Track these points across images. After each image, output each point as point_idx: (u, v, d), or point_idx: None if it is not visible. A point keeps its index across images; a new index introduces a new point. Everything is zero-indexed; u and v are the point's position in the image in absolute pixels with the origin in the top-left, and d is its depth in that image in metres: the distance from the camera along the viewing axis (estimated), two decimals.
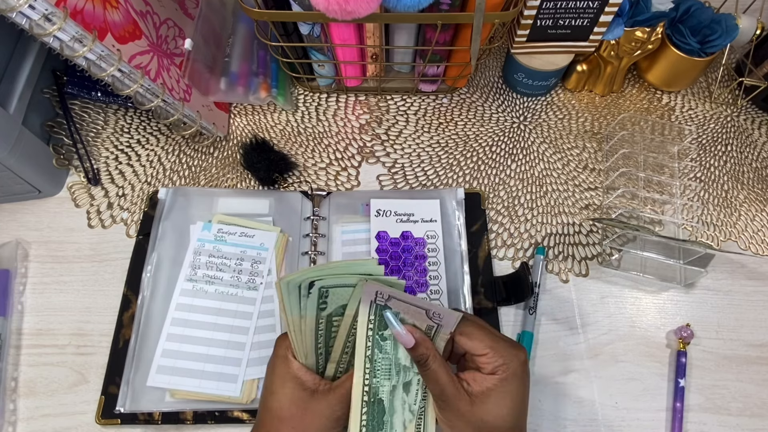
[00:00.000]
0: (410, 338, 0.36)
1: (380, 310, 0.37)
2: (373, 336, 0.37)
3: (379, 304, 0.36)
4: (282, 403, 0.37)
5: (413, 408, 0.38)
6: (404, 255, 0.54)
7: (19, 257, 0.55)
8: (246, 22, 0.64)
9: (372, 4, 0.45)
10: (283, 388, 0.37)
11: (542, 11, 0.56)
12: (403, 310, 0.36)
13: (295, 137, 0.63)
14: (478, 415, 0.35)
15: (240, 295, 0.52)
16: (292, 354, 0.38)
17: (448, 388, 0.35)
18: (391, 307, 0.36)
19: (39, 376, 0.50)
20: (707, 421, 0.50)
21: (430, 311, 0.36)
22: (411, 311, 0.36)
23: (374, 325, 0.37)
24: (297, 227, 0.56)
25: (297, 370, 0.38)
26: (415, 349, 0.36)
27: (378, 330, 0.37)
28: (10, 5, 0.38)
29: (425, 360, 0.36)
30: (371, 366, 0.37)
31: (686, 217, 0.60)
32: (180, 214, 0.56)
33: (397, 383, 0.38)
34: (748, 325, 0.54)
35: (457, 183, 0.61)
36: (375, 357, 0.37)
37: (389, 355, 0.37)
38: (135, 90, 0.48)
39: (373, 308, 0.36)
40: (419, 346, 0.36)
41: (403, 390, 0.38)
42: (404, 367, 0.38)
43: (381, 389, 0.37)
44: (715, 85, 0.69)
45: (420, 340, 0.36)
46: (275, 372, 0.38)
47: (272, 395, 0.38)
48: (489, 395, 0.35)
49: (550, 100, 0.68)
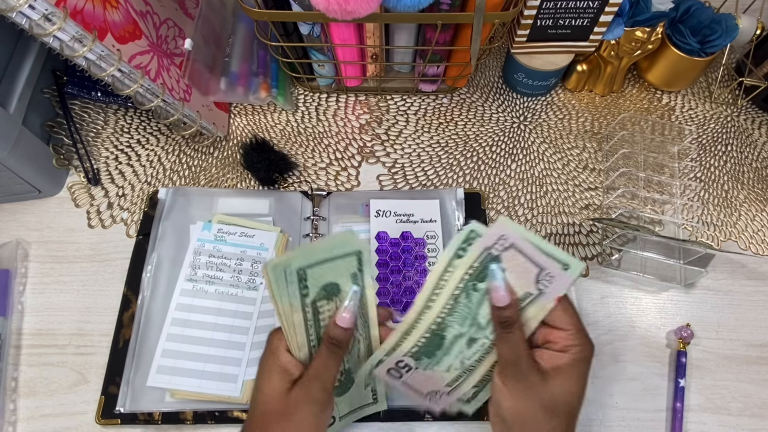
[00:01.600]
0: (507, 296, 0.35)
1: (488, 261, 0.36)
2: (467, 282, 0.37)
3: (491, 254, 0.36)
4: (267, 397, 0.37)
5: (465, 362, 0.38)
6: (404, 255, 0.54)
7: (19, 257, 0.55)
8: (246, 22, 0.64)
9: (372, 4, 0.45)
10: (270, 382, 0.37)
11: (542, 11, 0.56)
12: (512, 267, 0.36)
13: (295, 137, 0.63)
14: (548, 389, 0.35)
15: (240, 295, 0.52)
16: (285, 347, 0.38)
17: (524, 358, 0.35)
18: (501, 260, 0.36)
19: (39, 376, 0.50)
20: (707, 421, 0.50)
21: (543, 271, 0.35)
22: (521, 270, 0.36)
23: (473, 273, 0.36)
24: (297, 227, 0.56)
25: (285, 363, 0.37)
26: (506, 309, 0.36)
27: (475, 279, 0.37)
28: (10, 5, 0.38)
29: (511, 323, 0.35)
30: (453, 305, 0.37)
31: (686, 217, 0.60)
32: (180, 214, 0.56)
33: (465, 334, 0.38)
34: (748, 325, 0.54)
35: (457, 183, 0.61)
36: (459, 300, 0.37)
37: (472, 306, 0.37)
38: (135, 90, 0.48)
39: (483, 255, 0.36)
40: (511, 307, 0.35)
41: (466, 343, 0.38)
42: (479, 325, 0.37)
43: (449, 328, 0.38)
44: (715, 85, 0.69)
45: (513, 302, 0.36)
46: (264, 366, 0.38)
47: (258, 390, 0.38)
48: (560, 373, 0.35)
49: (550, 100, 0.68)
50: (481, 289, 0.37)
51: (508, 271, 0.36)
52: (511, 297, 0.36)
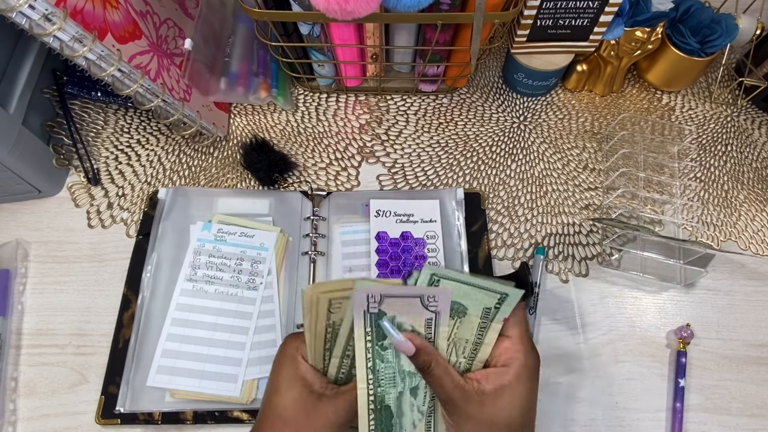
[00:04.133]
0: (410, 345, 0.35)
1: (376, 320, 0.36)
2: (373, 347, 0.36)
3: (373, 313, 0.35)
4: (287, 404, 0.36)
5: (422, 408, 0.38)
6: (404, 255, 0.54)
7: (19, 257, 0.55)
8: (246, 22, 0.64)
9: (372, 4, 0.45)
10: (290, 389, 0.37)
11: (542, 11, 0.56)
12: (399, 311, 0.35)
13: (295, 137, 0.63)
14: (488, 415, 0.34)
15: (240, 295, 0.52)
16: (302, 356, 0.38)
17: (455, 392, 0.35)
18: (385, 312, 0.35)
19: (39, 376, 0.50)
20: (707, 421, 0.50)
21: (424, 297, 0.35)
22: (406, 309, 0.35)
23: (372, 336, 0.36)
24: (297, 227, 0.56)
25: (305, 372, 0.37)
26: (417, 357, 0.35)
27: (377, 340, 0.36)
28: (10, 5, 0.38)
29: (428, 367, 0.35)
30: (374, 377, 0.37)
31: (686, 217, 0.60)
32: (180, 214, 0.56)
33: (404, 389, 0.37)
34: (748, 325, 0.54)
35: (457, 183, 0.61)
36: (377, 367, 0.37)
37: (392, 363, 0.37)
38: (135, 90, 0.48)
39: (368, 318, 0.36)
40: (420, 353, 0.35)
41: (411, 394, 0.37)
42: (409, 373, 0.37)
43: (387, 397, 0.37)
44: (715, 85, 0.69)
45: (421, 347, 0.35)
46: (282, 372, 0.38)
47: (277, 395, 0.37)
48: (502, 393, 0.34)
49: (550, 100, 0.68)
50: (389, 344, 0.36)
51: (399, 316, 0.36)
52: (416, 343, 0.35)
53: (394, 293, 0.35)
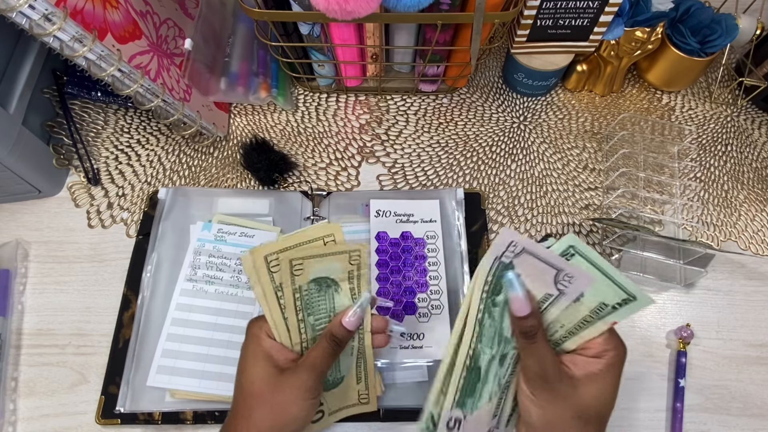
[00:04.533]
0: (528, 305, 0.34)
1: (501, 270, 0.34)
2: (486, 299, 0.35)
3: (503, 263, 0.34)
4: (253, 380, 0.37)
5: (502, 381, 0.37)
6: (404, 255, 0.54)
7: (19, 257, 0.55)
8: (246, 22, 0.64)
9: (372, 4, 0.45)
10: (254, 366, 0.38)
11: (542, 11, 0.56)
12: (528, 272, 0.34)
13: (295, 137, 0.63)
14: (582, 399, 0.34)
15: (240, 295, 0.52)
16: (266, 333, 0.39)
17: (552, 368, 0.34)
18: (514, 266, 0.34)
19: (39, 376, 0.50)
20: (707, 421, 0.50)
21: (562, 272, 0.33)
22: (536, 275, 0.34)
23: (490, 288, 0.35)
24: (297, 227, 0.56)
25: (269, 348, 0.38)
26: (528, 319, 0.34)
27: (492, 294, 0.35)
28: (10, 5, 0.38)
29: (534, 333, 0.34)
30: (480, 330, 0.35)
31: (686, 217, 0.60)
32: (180, 214, 0.56)
33: (496, 354, 0.36)
34: (748, 325, 0.54)
35: (457, 183, 0.61)
36: (484, 322, 0.35)
37: (496, 322, 0.35)
38: (135, 90, 0.48)
39: (495, 266, 0.34)
40: (533, 316, 0.34)
41: (499, 362, 0.36)
42: (506, 339, 0.36)
43: (482, 357, 0.36)
44: (715, 85, 0.69)
45: (535, 310, 0.34)
46: (247, 351, 0.39)
47: (243, 373, 0.38)
48: (593, 380, 0.34)
49: (550, 100, 0.68)
50: (500, 302, 0.35)
51: (524, 276, 0.34)
52: (532, 305, 0.34)
53: (537, 252, 0.33)
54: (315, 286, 0.39)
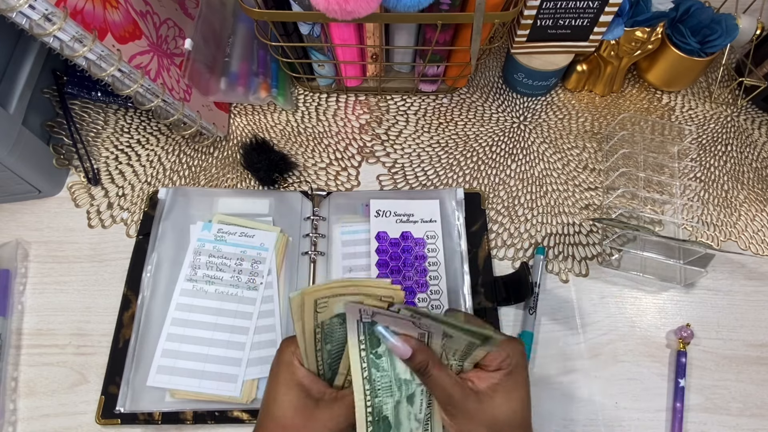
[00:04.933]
0: (407, 348, 0.35)
1: (369, 328, 0.35)
2: (367, 356, 0.36)
3: (366, 322, 0.35)
4: (285, 411, 0.36)
5: (419, 417, 0.37)
6: (404, 255, 0.54)
7: (19, 257, 0.55)
8: (246, 22, 0.64)
9: (372, 4, 0.45)
10: (287, 395, 0.36)
11: (542, 11, 0.56)
12: (391, 323, 0.35)
13: (295, 137, 0.63)
14: (488, 412, 0.34)
15: (240, 295, 0.52)
16: (298, 360, 0.37)
17: (454, 391, 0.35)
18: (377, 322, 0.35)
19: (39, 376, 0.50)
20: (707, 421, 0.50)
21: (417, 322, 0.34)
22: (398, 323, 0.35)
23: (366, 345, 0.36)
24: (297, 227, 0.56)
25: (303, 377, 0.37)
26: (413, 359, 0.35)
27: (371, 348, 0.36)
28: (10, 5, 0.38)
29: (425, 367, 0.35)
30: (371, 386, 0.36)
31: (686, 217, 0.60)
32: (180, 214, 0.56)
33: (401, 398, 0.37)
34: (748, 325, 0.54)
35: (457, 183, 0.61)
36: (373, 377, 0.36)
37: (387, 371, 0.36)
38: (135, 90, 0.48)
39: (361, 327, 0.35)
40: (416, 354, 0.35)
41: (407, 402, 0.37)
42: (405, 381, 0.37)
43: (384, 407, 0.36)
44: (715, 85, 0.69)
45: (416, 348, 0.35)
46: (279, 378, 0.37)
47: (275, 402, 0.37)
48: (497, 390, 0.35)
49: (550, 100, 0.68)
50: (383, 352, 0.36)
51: (392, 326, 0.35)
52: (412, 345, 0.35)
53: (386, 313, 0.34)
54: (337, 320, 0.37)
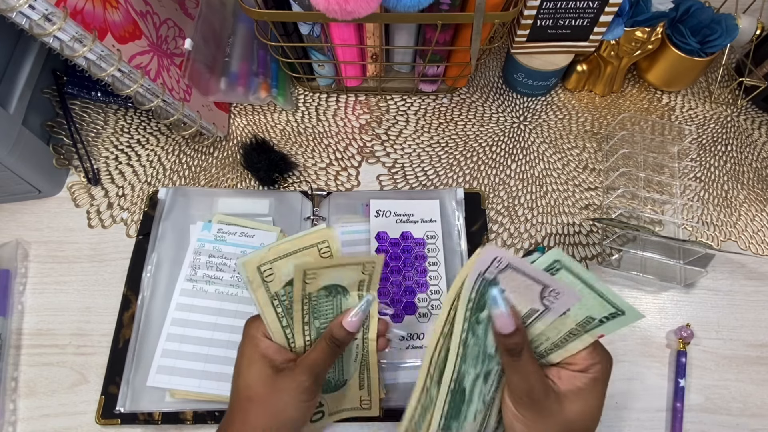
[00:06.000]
0: (513, 322, 0.33)
1: (486, 286, 0.33)
2: (470, 318, 0.34)
3: (487, 279, 0.33)
4: (250, 382, 0.36)
5: (486, 398, 0.36)
6: (404, 255, 0.54)
7: (19, 257, 0.55)
8: (246, 22, 0.64)
9: (372, 4, 0.45)
10: (250, 368, 0.37)
11: (542, 11, 0.56)
12: (512, 288, 0.33)
13: (295, 137, 0.63)
14: (568, 415, 0.33)
15: (240, 295, 0.52)
16: (263, 333, 0.38)
17: (538, 384, 0.33)
18: (499, 282, 0.33)
19: (39, 376, 0.50)
20: (707, 421, 0.50)
21: (548, 288, 0.32)
22: (521, 290, 0.32)
23: (473, 305, 0.34)
24: (297, 227, 0.56)
25: (265, 349, 0.37)
26: (513, 336, 0.33)
27: (476, 311, 0.34)
28: (10, 5, 0.38)
29: (519, 350, 0.33)
30: (464, 351, 0.34)
31: (686, 217, 0.60)
32: (180, 214, 0.56)
33: (480, 372, 0.35)
34: (748, 325, 0.54)
35: (457, 183, 0.61)
36: (468, 341, 0.34)
37: (480, 340, 0.34)
38: (135, 90, 0.48)
39: (479, 282, 0.33)
40: (517, 333, 0.33)
41: (483, 380, 0.35)
42: (489, 356, 0.35)
43: (467, 377, 0.35)
44: (715, 85, 0.69)
45: (520, 327, 0.33)
46: (243, 353, 0.38)
47: (240, 376, 0.37)
48: (579, 395, 0.33)
49: (550, 100, 0.68)
50: (483, 319, 0.34)
51: (509, 292, 0.33)
52: (517, 322, 0.33)
53: (523, 268, 0.32)
54: (324, 293, 0.38)
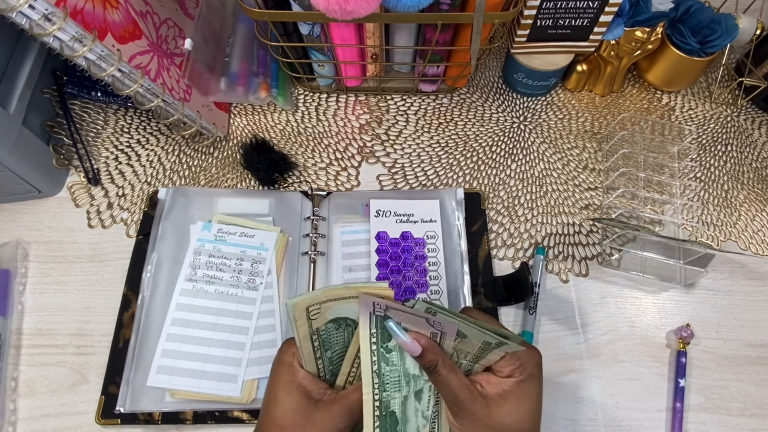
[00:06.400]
0: (416, 346, 0.34)
1: (381, 321, 0.35)
2: (378, 349, 0.36)
3: (379, 315, 0.35)
4: (285, 412, 0.36)
5: (426, 414, 0.37)
6: (404, 255, 0.54)
7: (19, 257, 0.55)
8: (246, 22, 0.64)
9: (372, 4, 0.45)
10: (288, 396, 0.36)
11: (542, 11, 0.56)
12: (404, 320, 0.35)
13: (295, 137, 0.63)
14: (496, 418, 0.34)
15: (240, 295, 0.52)
16: (299, 362, 0.37)
17: (462, 393, 0.34)
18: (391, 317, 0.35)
19: (39, 376, 0.50)
20: (707, 421, 0.50)
21: (430, 319, 0.34)
22: (411, 320, 0.35)
23: (377, 338, 0.35)
24: (297, 227, 0.56)
25: (303, 378, 0.37)
26: (423, 357, 0.35)
27: (382, 342, 0.36)
28: (10, 5, 0.38)
29: (434, 366, 0.34)
30: (380, 380, 0.36)
31: (686, 217, 0.60)
32: (180, 214, 0.56)
33: (408, 393, 0.36)
34: (748, 325, 0.54)
35: (457, 183, 0.61)
36: (382, 371, 0.36)
37: (397, 366, 0.36)
38: (135, 90, 0.48)
39: (374, 320, 0.35)
40: (427, 352, 0.35)
41: (415, 398, 0.37)
42: (414, 376, 0.36)
43: (392, 401, 0.36)
44: (715, 85, 0.69)
45: (427, 346, 0.35)
46: (280, 379, 0.37)
47: (275, 403, 0.37)
48: (506, 398, 0.34)
49: (550, 100, 0.68)
50: (393, 347, 0.36)
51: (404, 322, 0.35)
52: (423, 343, 0.34)
53: (401, 309, 0.34)
54: (333, 325, 0.38)
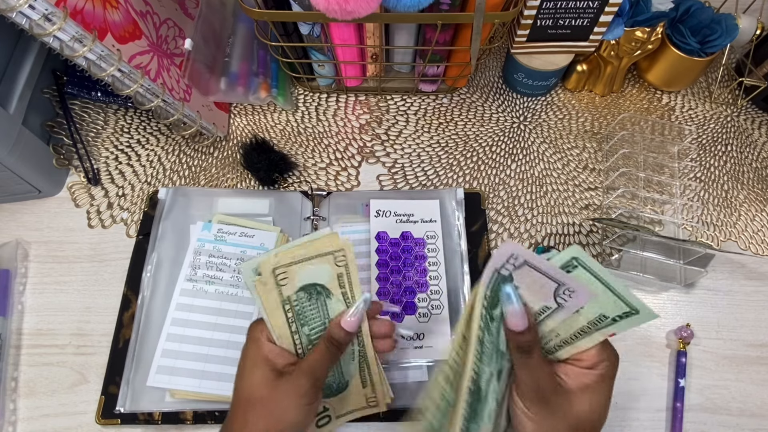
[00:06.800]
0: (525, 320, 0.33)
1: (500, 283, 0.33)
2: (485, 315, 0.34)
3: (503, 275, 0.32)
4: (251, 385, 0.37)
5: (498, 398, 0.35)
6: (404, 255, 0.54)
7: (19, 257, 0.55)
8: (246, 22, 0.64)
9: (372, 4, 0.45)
10: (253, 369, 0.37)
11: (542, 11, 0.56)
12: (527, 284, 0.32)
13: (295, 137, 0.63)
14: (574, 412, 0.33)
15: (240, 295, 0.52)
16: (267, 337, 0.38)
17: (548, 381, 0.33)
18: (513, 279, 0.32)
19: (39, 376, 0.50)
20: (707, 421, 0.50)
21: (563, 287, 0.32)
22: (535, 287, 0.32)
23: (488, 303, 0.34)
24: (297, 227, 0.56)
25: (268, 352, 0.37)
26: (524, 334, 0.33)
27: (490, 308, 0.34)
28: (10, 5, 0.38)
29: (530, 348, 0.33)
30: (480, 349, 0.34)
31: (686, 217, 0.60)
32: (180, 214, 0.56)
33: (494, 371, 0.34)
34: (748, 325, 0.54)
35: (457, 183, 0.61)
36: (484, 339, 0.34)
37: (494, 337, 0.34)
38: (135, 90, 0.48)
39: (494, 278, 0.33)
40: (529, 331, 0.33)
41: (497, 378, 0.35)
42: (502, 353, 0.34)
43: (482, 377, 0.34)
44: (715, 85, 0.69)
45: (532, 325, 0.33)
46: (247, 354, 0.38)
47: (242, 379, 0.37)
48: (587, 391, 0.33)
49: (550, 100, 0.68)
50: (497, 316, 0.34)
51: (522, 289, 0.33)
52: (529, 320, 0.33)
53: (538, 265, 0.32)
54: (305, 295, 0.38)
